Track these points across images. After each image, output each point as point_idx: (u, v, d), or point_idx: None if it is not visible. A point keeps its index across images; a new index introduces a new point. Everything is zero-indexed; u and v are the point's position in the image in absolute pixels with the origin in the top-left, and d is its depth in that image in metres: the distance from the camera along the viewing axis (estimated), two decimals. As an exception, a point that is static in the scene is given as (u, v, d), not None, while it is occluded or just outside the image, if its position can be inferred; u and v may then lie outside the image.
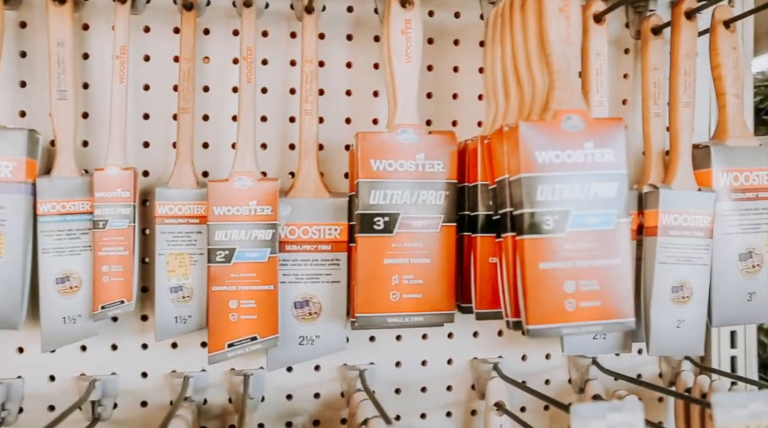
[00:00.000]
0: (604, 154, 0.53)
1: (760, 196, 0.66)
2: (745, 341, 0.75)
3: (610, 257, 0.52)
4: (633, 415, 0.48)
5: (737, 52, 0.67)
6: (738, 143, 0.66)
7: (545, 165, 0.51)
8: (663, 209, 0.63)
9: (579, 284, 0.51)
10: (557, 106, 0.53)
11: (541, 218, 0.51)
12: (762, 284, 0.66)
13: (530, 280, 0.51)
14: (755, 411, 0.50)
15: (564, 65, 0.54)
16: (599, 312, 0.52)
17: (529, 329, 0.51)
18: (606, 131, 0.53)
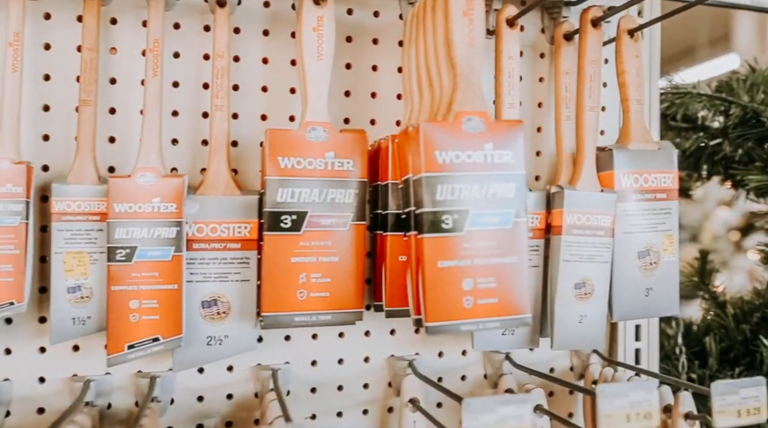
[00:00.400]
0: (503, 155, 0.54)
1: (658, 197, 0.70)
2: (648, 334, 0.79)
3: (507, 256, 0.54)
4: (522, 408, 0.49)
5: (640, 60, 0.71)
6: (639, 147, 0.69)
7: (446, 165, 0.52)
8: (567, 209, 0.65)
9: (477, 282, 0.53)
10: (459, 107, 0.54)
11: (441, 217, 0.52)
12: (659, 280, 0.69)
13: (429, 278, 0.52)
14: (635, 400, 0.53)
15: (467, 68, 0.55)
16: (496, 309, 0.54)
17: (428, 326, 0.52)
18: (505, 133, 0.55)
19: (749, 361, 0.78)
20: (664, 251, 0.70)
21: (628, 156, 0.68)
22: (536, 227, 0.67)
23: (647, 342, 0.79)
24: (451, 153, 0.53)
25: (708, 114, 0.83)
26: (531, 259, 0.66)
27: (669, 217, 0.70)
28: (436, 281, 0.52)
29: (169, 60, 0.64)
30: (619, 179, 0.68)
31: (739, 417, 0.56)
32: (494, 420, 0.49)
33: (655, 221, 0.69)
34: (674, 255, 0.70)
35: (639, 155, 0.69)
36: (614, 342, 0.79)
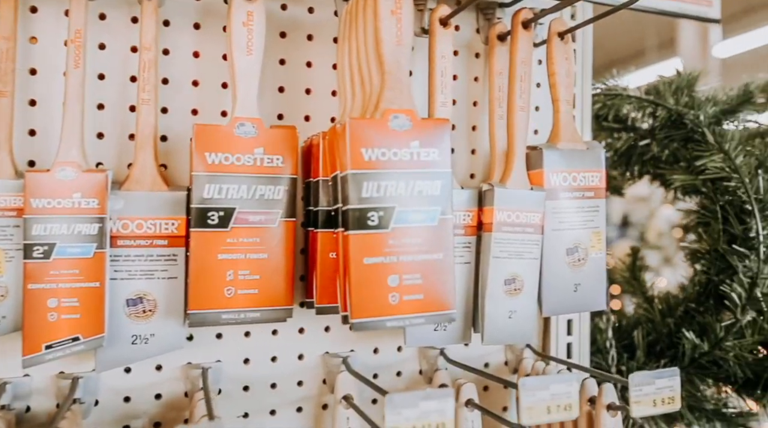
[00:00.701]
0: (429, 153, 0.55)
1: (586, 195, 0.72)
2: (579, 329, 0.82)
3: (433, 253, 0.55)
4: (444, 402, 0.50)
5: (570, 62, 0.73)
6: (568, 146, 0.71)
7: (372, 162, 0.53)
8: (497, 206, 0.66)
9: (402, 279, 0.53)
10: (386, 105, 0.55)
11: (367, 214, 0.52)
12: (587, 276, 0.72)
13: (355, 274, 0.52)
14: (556, 393, 0.54)
15: (394, 66, 0.56)
16: (422, 305, 0.54)
17: (353, 322, 0.52)
18: (432, 131, 0.55)
19: (673, 353, 0.81)
20: (592, 248, 0.72)
21: (558, 155, 0.70)
22: (468, 224, 0.68)
23: (578, 336, 0.82)
24: (378, 150, 0.53)
25: (637, 115, 0.86)
26: (463, 256, 0.67)
27: (597, 214, 0.73)
28: (362, 277, 0.52)
29: (94, 51, 0.62)
30: (549, 177, 0.69)
31: (655, 406, 0.59)
32: (417, 415, 0.49)
33: (584, 218, 0.72)
34: (602, 252, 0.73)
35: (568, 154, 0.71)
36: (547, 337, 0.81)
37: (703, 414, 0.82)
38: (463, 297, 0.68)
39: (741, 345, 0.76)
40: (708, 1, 0.94)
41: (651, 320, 0.84)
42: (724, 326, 0.76)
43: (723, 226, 0.79)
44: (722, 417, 0.82)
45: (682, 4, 0.92)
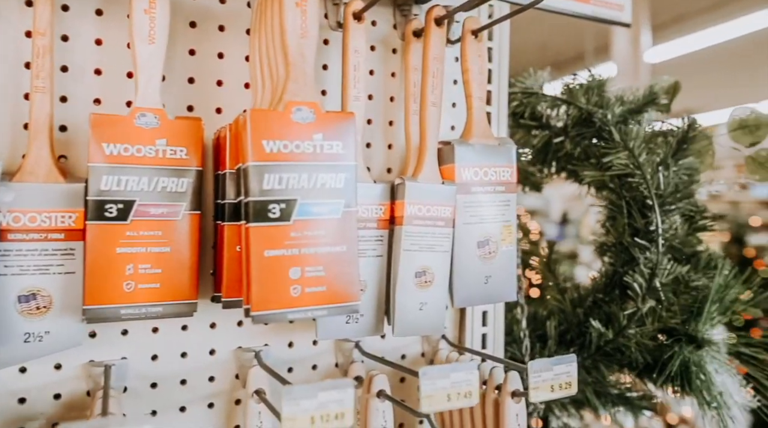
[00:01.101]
0: (333, 146, 0.55)
1: (497, 190, 0.74)
2: (494, 320, 0.84)
3: (336, 245, 0.55)
4: (342, 393, 0.50)
5: (483, 60, 0.75)
6: (480, 142, 0.73)
7: (273, 154, 0.52)
8: (408, 200, 0.67)
9: (304, 271, 0.54)
10: (290, 97, 0.55)
11: (268, 206, 0.52)
12: (497, 268, 0.74)
13: (255, 267, 0.52)
14: (456, 381, 0.56)
15: (299, 58, 0.55)
16: (325, 297, 0.55)
17: (253, 315, 0.52)
18: (336, 125, 0.56)
19: (582, 341, 0.85)
20: (503, 241, 0.75)
21: (469, 150, 0.72)
22: (381, 217, 0.68)
23: (493, 327, 0.84)
24: (279, 142, 0.53)
25: (552, 114, 0.90)
26: (375, 249, 0.68)
27: (507, 208, 0.75)
28: (263, 270, 0.52)
29: (-17, 35, 0.59)
30: (460, 172, 0.71)
31: (552, 391, 0.62)
32: (315, 406, 0.50)
33: (495, 212, 0.74)
34: (512, 245, 0.75)
35: (480, 149, 0.73)
36: (463, 328, 0.83)
37: (608, 399, 0.86)
38: (376, 290, 0.68)
39: (642, 332, 0.81)
40: (620, 6, 0.99)
41: (563, 310, 0.87)
42: (626, 314, 0.81)
43: (627, 220, 0.83)
44: (626, 401, 0.87)
45: (596, 8, 0.96)
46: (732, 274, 0.79)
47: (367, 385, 0.68)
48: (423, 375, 0.55)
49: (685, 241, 0.85)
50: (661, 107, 0.89)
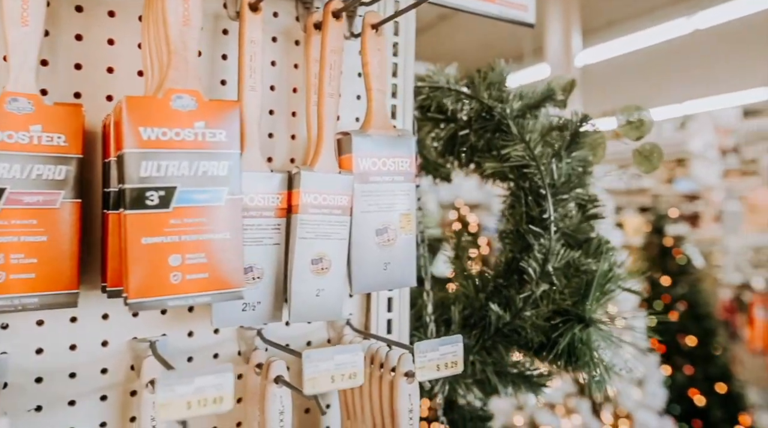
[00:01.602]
0: (216, 134, 0.56)
1: (396, 179, 0.76)
2: (399, 306, 0.87)
3: (219, 232, 0.56)
4: (222, 377, 0.51)
5: (382, 53, 0.76)
6: (379, 133, 0.75)
7: (151, 141, 0.52)
8: (303, 189, 0.68)
9: (185, 258, 0.54)
10: (170, 85, 0.54)
11: (145, 193, 0.52)
12: (396, 255, 0.76)
13: (131, 254, 0.51)
14: (340, 363, 0.58)
15: (180, 46, 0.55)
16: (207, 284, 0.55)
17: (130, 302, 0.51)
18: (219, 113, 0.56)
19: (483, 324, 0.89)
20: (402, 229, 0.77)
21: (368, 141, 0.74)
22: (278, 206, 0.69)
23: (399, 313, 0.87)
24: (158, 130, 0.53)
25: (456, 107, 0.93)
26: (272, 237, 0.69)
27: (407, 197, 0.77)
28: (140, 257, 0.52)
29: None
30: (358, 162, 0.73)
31: (438, 370, 0.64)
32: (192, 391, 0.50)
33: (393, 201, 0.76)
34: (412, 233, 0.78)
35: (378, 140, 0.75)
36: (368, 314, 0.85)
37: (508, 379, 0.90)
38: (274, 278, 0.69)
39: (537, 313, 0.85)
40: (524, 6, 1.03)
41: (467, 295, 0.91)
42: (522, 297, 0.85)
43: (524, 208, 0.87)
44: (525, 379, 0.91)
45: (502, 8, 1.00)
46: (614, 260, 0.85)
47: (265, 371, 0.68)
48: (306, 358, 0.57)
49: (579, 228, 0.91)
50: (557, 102, 0.94)
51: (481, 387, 0.91)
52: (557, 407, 2.82)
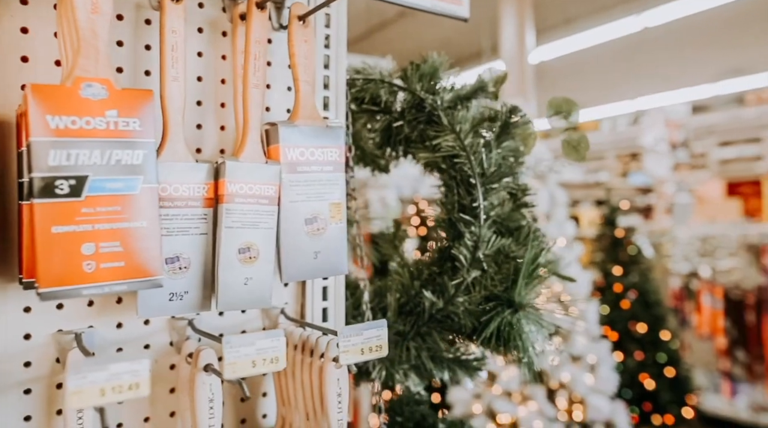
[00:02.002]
0: (129, 123, 0.56)
1: (325, 170, 0.77)
2: (335, 294, 0.88)
3: (135, 220, 0.56)
4: (138, 364, 0.52)
5: (309, 44, 0.77)
6: (306, 123, 0.76)
7: (59, 130, 0.52)
8: (228, 179, 0.69)
9: (99, 247, 0.54)
10: (80, 73, 0.54)
11: (54, 182, 0.52)
12: (327, 244, 0.77)
13: (41, 244, 0.51)
14: (261, 348, 0.59)
15: (89, 34, 0.55)
16: (123, 272, 0.55)
17: (41, 292, 0.51)
18: (132, 102, 0.56)
19: (418, 312, 0.91)
20: (332, 218, 0.78)
21: (295, 131, 0.75)
22: (205, 196, 0.69)
23: (334, 301, 0.88)
24: (66, 118, 0.52)
25: (390, 99, 0.95)
26: (199, 227, 0.69)
27: (336, 187, 0.78)
28: (50, 246, 0.51)
29: None
30: (285, 152, 0.74)
31: (363, 354, 0.66)
32: (105, 377, 0.50)
33: (322, 190, 0.77)
34: (342, 222, 0.79)
35: (306, 130, 0.76)
36: (304, 303, 0.86)
37: (444, 364, 0.93)
38: (201, 267, 0.69)
39: (470, 300, 0.88)
40: (458, 1, 1.06)
41: (403, 284, 0.93)
42: (454, 284, 0.87)
43: (456, 198, 0.90)
44: (460, 363, 0.94)
45: (435, 1, 1.02)
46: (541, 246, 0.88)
47: (195, 360, 0.69)
48: (226, 344, 0.58)
49: (511, 216, 0.94)
50: (489, 94, 0.97)
51: (418, 373, 0.93)
52: (514, 395, 2.89)
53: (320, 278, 0.84)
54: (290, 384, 0.77)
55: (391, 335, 0.91)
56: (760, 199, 7.41)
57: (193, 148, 0.76)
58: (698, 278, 4.53)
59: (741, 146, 7.35)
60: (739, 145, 7.37)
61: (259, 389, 0.84)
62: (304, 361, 0.75)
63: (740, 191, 7.44)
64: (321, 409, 0.71)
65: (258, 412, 0.84)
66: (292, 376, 0.76)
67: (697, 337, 4.45)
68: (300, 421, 0.76)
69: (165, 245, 0.65)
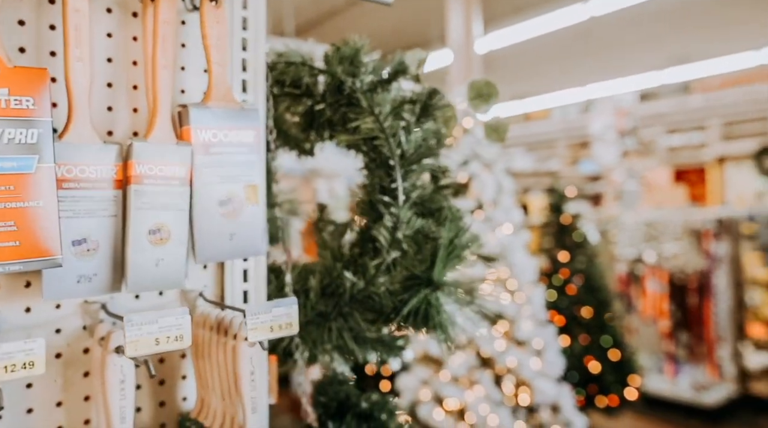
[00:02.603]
0: (23, 101, 0.55)
1: (240, 151, 0.78)
2: (255, 276, 0.89)
3: (30, 200, 0.56)
4: (33, 343, 0.52)
5: (221, 26, 0.77)
6: (219, 105, 0.76)
7: (-57, 108, 0.51)
8: (136, 160, 0.69)
9: (-10, 226, 0.53)
10: (-35, 51, 0.53)
11: (-62, 161, 0.51)
12: (242, 226, 0.78)
13: (-75, 223, 0.50)
14: (164, 326, 0.59)
15: (-24, 11, 0.54)
16: (18, 252, 0.55)
17: (-74, 272, 0.51)
18: (26, 80, 0.56)
19: (340, 293, 0.93)
20: (248, 200, 0.79)
21: (206, 113, 0.75)
22: (115, 178, 0.69)
23: (254, 283, 0.89)
24: (-49, 97, 0.52)
25: (311, 82, 0.96)
26: (107, 209, 0.69)
27: (252, 169, 0.79)
28: (-65, 226, 0.51)
29: None
30: (197, 133, 0.74)
31: (272, 331, 0.68)
32: None
33: (236, 172, 0.78)
34: (258, 204, 0.80)
35: (219, 112, 0.76)
36: (223, 285, 0.87)
37: (367, 344, 0.95)
38: (111, 249, 0.69)
39: (391, 280, 0.90)
40: (383, -13, 1.07)
41: (326, 265, 0.95)
42: (374, 265, 0.90)
43: (377, 180, 0.92)
44: (384, 344, 0.97)
45: (360, -15, 1.03)
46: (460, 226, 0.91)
47: (106, 342, 0.69)
48: (128, 322, 0.58)
49: (432, 198, 0.96)
50: (411, 77, 0.99)
51: (342, 353, 0.96)
52: (461, 380, 2.96)
53: (238, 259, 0.85)
54: (207, 365, 0.78)
55: (313, 316, 0.93)
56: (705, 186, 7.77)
57: (103, 130, 0.76)
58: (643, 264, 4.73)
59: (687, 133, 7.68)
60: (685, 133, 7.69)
61: (178, 372, 0.84)
62: (219, 341, 0.76)
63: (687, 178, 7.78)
64: (235, 389, 0.72)
65: (178, 395, 0.84)
66: (209, 357, 0.77)
67: (643, 321, 4.65)
68: (217, 402, 0.77)
69: (71, 227, 0.65)
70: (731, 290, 4.45)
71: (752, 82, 7.25)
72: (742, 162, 7.24)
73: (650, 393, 4.29)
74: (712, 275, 4.41)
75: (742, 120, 7.30)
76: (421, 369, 3.06)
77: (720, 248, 4.48)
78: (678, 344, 4.51)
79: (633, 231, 4.95)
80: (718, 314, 4.36)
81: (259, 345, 0.72)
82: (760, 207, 5.63)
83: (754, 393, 4.28)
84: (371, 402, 0.94)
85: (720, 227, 4.50)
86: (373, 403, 0.95)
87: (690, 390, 4.26)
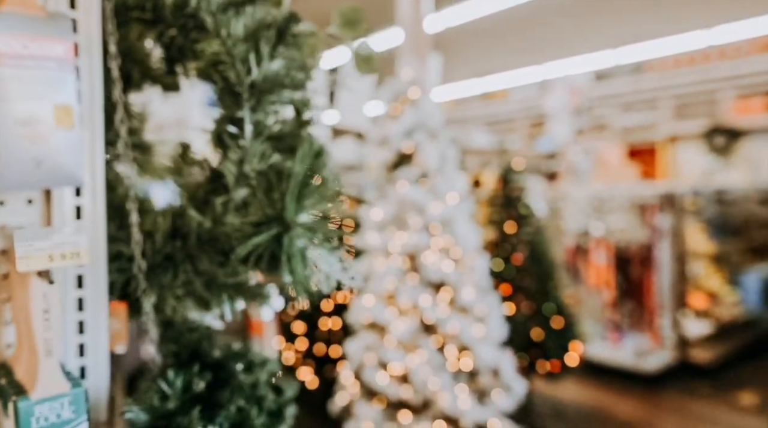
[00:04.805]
0: None
1: (46, 66, 0.69)
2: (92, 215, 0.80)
3: None
4: None
5: None
6: (15, 10, 0.67)
7: None
8: None
9: None
10: None
11: None
12: (53, 152, 0.69)
13: None
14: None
15: None
16: None
17: None
18: None
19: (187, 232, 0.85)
20: (59, 123, 0.70)
21: (6, 20, 0.65)
22: None
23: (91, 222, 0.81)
24: None
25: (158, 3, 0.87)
26: None
27: (63, 88, 0.70)
28: None
29: None
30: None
31: (52, 261, 0.60)
32: None
33: (41, 90, 0.69)
34: (71, 128, 0.71)
35: (14, 19, 0.67)
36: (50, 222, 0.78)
37: (224, 291, 0.88)
38: None
39: (243, 219, 0.83)
40: None
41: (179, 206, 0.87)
42: (221, 202, 0.82)
43: (227, 111, 0.84)
44: (243, 290, 0.90)
45: None
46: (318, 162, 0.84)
47: None
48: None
49: (294, 133, 0.89)
50: (271, 2, 0.91)
51: (197, 301, 0.88)
52: (405, 345, 2.93)
53: (68, 194, 0.76)
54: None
55: (160, 259, 0.85)
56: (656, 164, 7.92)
57: None
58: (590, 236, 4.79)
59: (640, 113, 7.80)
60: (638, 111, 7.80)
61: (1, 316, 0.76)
62: (20, 278, 0.67)
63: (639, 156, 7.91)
64: (27, 329, 0.64)
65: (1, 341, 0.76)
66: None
67: (588, 291, 4.73)
68: (23, 344, 0.69)
69: None
70: (674, 263, 4.55)
71: (705, 63, 7.37)
72: (692, 141, 7.39)
73: (594, 359, 4.37)
74: (655, 247, 4.49)
75: (694, 101, 7.44)
76: (367, 334, 3.02)
77: (664, 222, 4.56)
78: (622, 313, 4.60)
79: (582, 205, 5.00)
80: (661, 285, 4.46)
81: (43, 276, 0.64)
82: (705, 183, 5.76)
83: (692, 359, 4.41)
84: (225, 349, 0.87)
85: (665, 202, 4.58)
86: (229, 354, 0.88)
87: (632, 356, 4.36)
